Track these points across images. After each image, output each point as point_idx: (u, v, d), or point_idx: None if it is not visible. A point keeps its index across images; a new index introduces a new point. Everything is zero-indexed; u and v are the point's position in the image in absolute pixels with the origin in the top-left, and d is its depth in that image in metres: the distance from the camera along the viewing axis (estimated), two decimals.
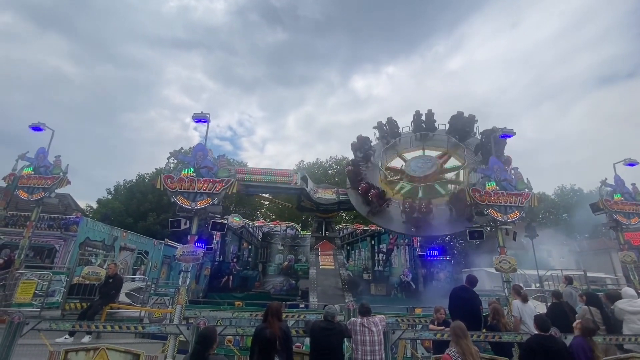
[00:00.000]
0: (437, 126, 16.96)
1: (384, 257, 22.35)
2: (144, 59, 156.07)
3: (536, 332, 4.38)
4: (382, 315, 5.19)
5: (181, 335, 5.61)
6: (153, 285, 10.91)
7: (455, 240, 44.46)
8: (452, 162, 15.88)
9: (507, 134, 9.23)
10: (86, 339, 7.55)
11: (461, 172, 14.91)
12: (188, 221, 7.70)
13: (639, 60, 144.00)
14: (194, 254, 7.24)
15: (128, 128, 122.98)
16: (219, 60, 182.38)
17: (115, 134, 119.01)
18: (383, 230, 22.67)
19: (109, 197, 37.32)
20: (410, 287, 19.04)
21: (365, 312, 4.75)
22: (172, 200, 7.72)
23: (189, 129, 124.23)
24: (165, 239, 22.38)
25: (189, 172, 7.90)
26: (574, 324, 4.80)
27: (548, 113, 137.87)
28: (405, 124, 17.67)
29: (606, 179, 10.62)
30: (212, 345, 3.21)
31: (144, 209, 33.26)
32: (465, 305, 6.51)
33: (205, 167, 8.18)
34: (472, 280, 6.79)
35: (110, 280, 8.55)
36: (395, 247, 21.76)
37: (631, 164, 10.53)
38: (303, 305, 12.73)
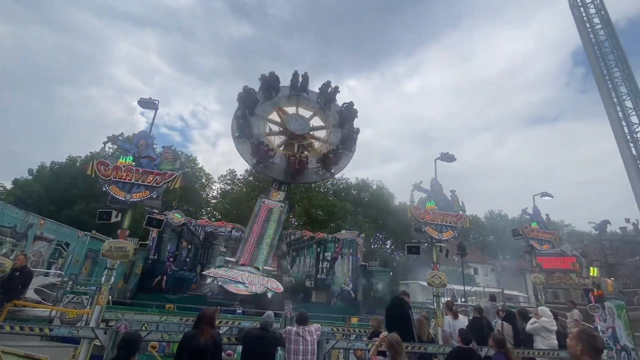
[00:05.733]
0: (308, 89, 20.30)
1: (328, 266, 22.57)
2: (87, 28, 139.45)
3: (458, 345, 4.73)
4: (318, 325, 5.21)
5: (97, 340, 5.08)
6: (70, 282, 9.73)
7: (395, 253, 46.69)
8: (317, 121, 19.83)
9: (449, 159, 9.93)
10: None
11: (324, 131, 19.54)
12: (120, 214, 7.01)
13: (563, 107, 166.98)
14: (123, 251, 6.59)
15: (62, 102, 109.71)
16: (176, 44, 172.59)
17: (46, 106, 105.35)
18: (329, 239, 22.95)
19: (30, 177, 32.88)
20: (350, 296, 19.46)
21: (302, 321, 4.73)
22: (104, 189, 6.99)
23: (134, 113, 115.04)
24: (93, 231, 20.21)
25: (128, 161, 7.22)
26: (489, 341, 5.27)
27: (486, 143, 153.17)
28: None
29: (527, 208, 11.94)
30: (137, 352, 2.96)
31: (71, 195, 29.83)
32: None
33: (147, 156, 7.55)
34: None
35: (17, 274, 7.52)
36: (339, 256, 22.09)
37: (546, 196, 12.00)
38: (240, 311, 12.28)
